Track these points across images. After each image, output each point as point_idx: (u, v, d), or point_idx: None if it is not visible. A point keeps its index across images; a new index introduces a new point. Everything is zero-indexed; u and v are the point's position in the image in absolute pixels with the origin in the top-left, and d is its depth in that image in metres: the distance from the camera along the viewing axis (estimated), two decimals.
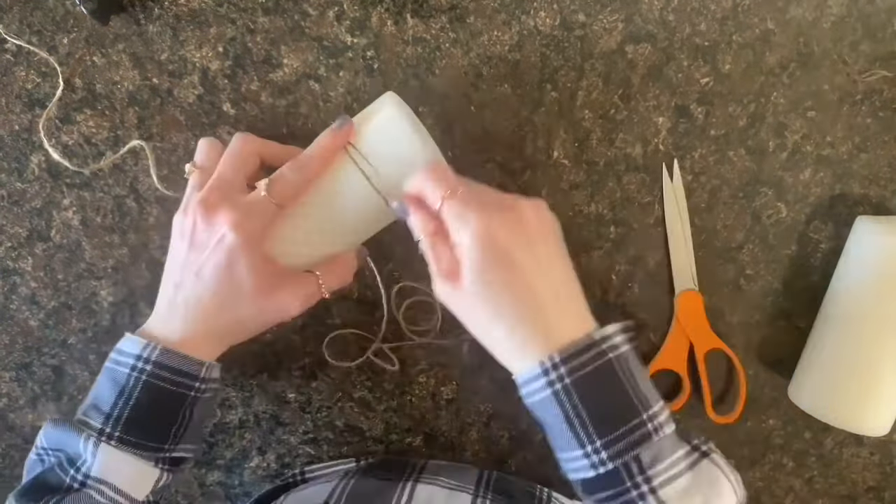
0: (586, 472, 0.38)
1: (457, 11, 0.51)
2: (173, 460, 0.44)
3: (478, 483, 0.55)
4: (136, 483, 0.42)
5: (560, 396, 0.38)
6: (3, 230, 0.54)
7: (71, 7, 0.50)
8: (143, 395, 0.42)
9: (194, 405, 0.44)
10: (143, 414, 0.42)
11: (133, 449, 0.42)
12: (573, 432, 0.38)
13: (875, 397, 0.52)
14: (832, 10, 0.51)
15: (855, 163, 0.55)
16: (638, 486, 0.38)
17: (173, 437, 0.44)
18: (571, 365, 0.38)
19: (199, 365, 0.43)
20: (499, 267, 0.39)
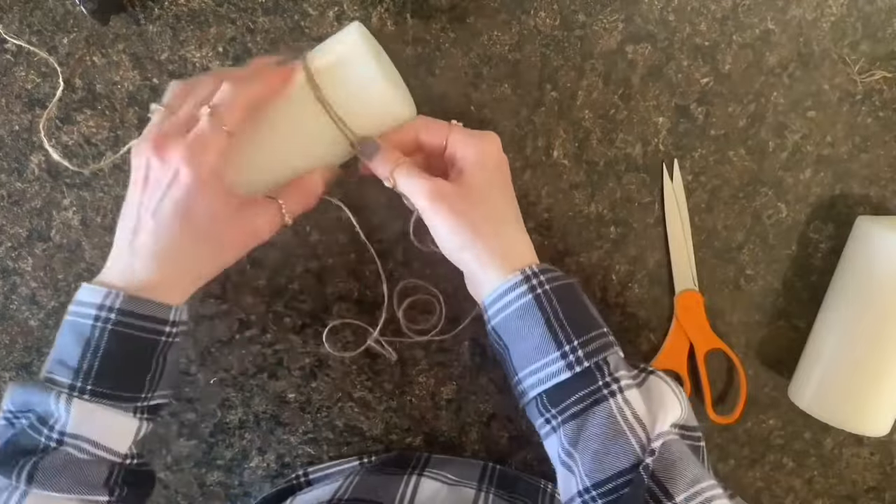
0: (561, 375, 0.40)
1: (457, 11, 0.51)
2: (151, 409, 0.43)
3: (481, 478, 0.55)
4: (117, 435, 0.41)
5: (542, 300, 0.41)
6: (3, 230, 0.54)
7: (71, 7, 0.50)
8: (111, 345, 0.40)
9: (167, 351, 0.42)
10: (114, 364, 0.40)
11: (108, 401, 0.40)
12: (552, 333, 0.41)
13: (875, 397, 0.52)
14: (832, 10, 0.51)
15: (855, 163, 0.55)
16: (608, 384, 0.40)
17: (149, 386, 0.42)
18: (547, 276, 0.42)
19: (167, 308, 0.41)
20: (499, 175, 0.45)
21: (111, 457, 0.41)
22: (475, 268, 0.43)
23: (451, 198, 0.42)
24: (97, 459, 0.40)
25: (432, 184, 0.43)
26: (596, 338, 0.41)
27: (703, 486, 0.37)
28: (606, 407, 0.40)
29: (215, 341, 0.57)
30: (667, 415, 0.40)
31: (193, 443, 0.60)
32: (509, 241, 0.44)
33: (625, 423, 0.39)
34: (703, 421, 0.60)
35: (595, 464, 0.39)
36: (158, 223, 0.40)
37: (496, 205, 0.45)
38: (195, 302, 0.56)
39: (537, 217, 0.55)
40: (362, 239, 0.54)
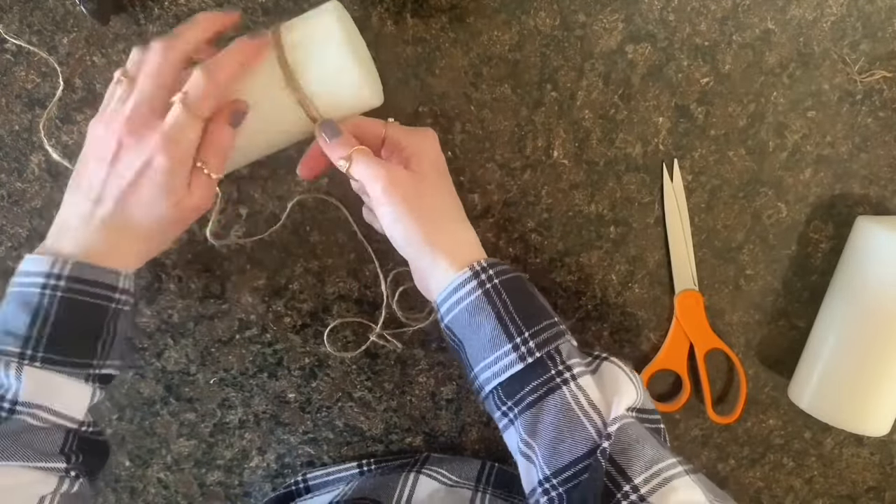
0: (514, 367, 0.41)
1: (457, 11, 0.51)
2: (103, 377, 0.43)
3: (478, 478, 0.55)
4: (71, 401, 0.41)
5: (491, 295, 0.42)
6: (3, 230, 0.54)
7: (71, 7, 0.50)
8: (61, 312, 0.40)
9: (116, 317, 0.43)
10: (65, 331, 0.40)
11: (60, 367, 0.40)
12: (503, 327, 0.41)
13: (875, 397, 0.52)
14: (832, 10, 0.51)
15: (855, 163, 0.55)
16: (561, 373, 0.41)
17: (101, 352, 0.42)
18: (496, 270, 0.43)
19: (115, 275, 0.42)
20: (441, 167, 0.46)
21: (67, 423, 0.41)
22: (425, 262, 0.44)
23: (405, 185, 0.43)
24: (52, 426, 0.40)
25: (387, 170, 0.43)
26: (546, 328, 0.42)
27: (662, 465, 0.38)
28: (560, 395, 0.40)
29: (215, 341, 0.57)
30: (621, 399, 0.41)
31: (193, 443, 0.60)
32: (457, 235, 0.45)
33: (580, 410, 0.40)
34: (703, 421, 0.60)
35: (553, 452, 0.39)
36: (123, 202, 0.41)
37: (444, 197, 0.46)
38: (195, 302, 0.56)
39: (537, 217, 0.55)
40: (360, 237, 0.54)
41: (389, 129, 0.46)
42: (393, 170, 0.43)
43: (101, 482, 0.61)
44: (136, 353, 0.57)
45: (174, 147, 0.40)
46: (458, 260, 0.43)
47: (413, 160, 0.44)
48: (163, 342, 0.57)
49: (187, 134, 0.41)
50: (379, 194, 0.42)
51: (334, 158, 0.44)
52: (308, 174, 0.48)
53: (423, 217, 0.43)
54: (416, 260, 0.44)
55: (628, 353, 0.59)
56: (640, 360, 0.59)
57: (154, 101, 0.41)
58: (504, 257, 0.56)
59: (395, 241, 0.44)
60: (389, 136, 0.46)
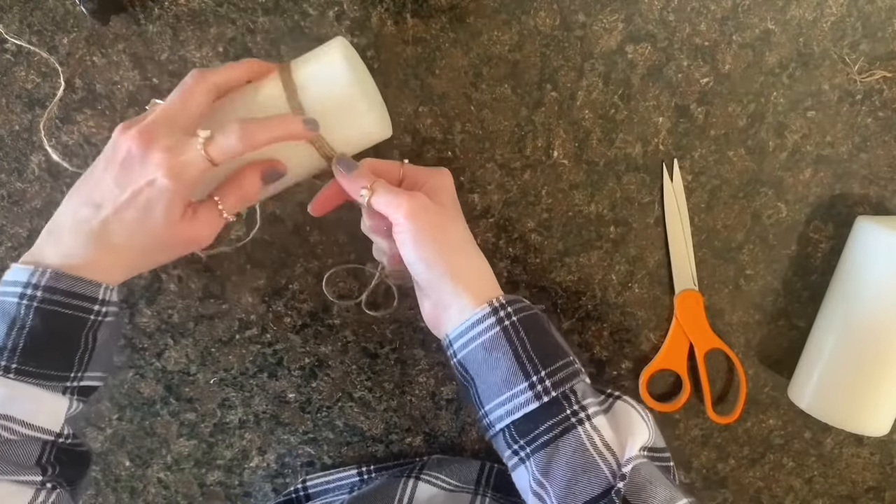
0: (529, 405, 0.41)
1: (457, 11, 0.51)
2: (82, 389, 0.42)
3: (478, 480, 0.55)
4: (47, 414, 0.40)
5: (509, 332, 0.42)
6: (3, 230, 0.54)
7: (71, 7, 0.50)
8: (37, 322, 0.39)
9: (97, 329, 0.42)
10: (41, 342, 0.39)
11: (35, 380, 0.39)
12: (520, 364, 0.41)
13: (875, 397, 0.52)
14: (832, 10, 0.51)
15: (855, 163, 0.55)
16: (576, 413, 0.41)
17: (78, 365, 0.41)
18: (515, 307, 0.43)
19: (95, 286, 0.41)
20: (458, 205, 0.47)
21: (43, 435, 0.40)
22: (444, 291, 0.43)
23: (429, 212, 0.43)
24: (27, 439, 0.39)
25: (410, 196, 0.43)
26: (563, 367, 0.42)
27: None
28: (576, 435, 0.40)
29: (215, 341, 0.57)
30: (635, 439, 0.41)
31: (193, 443, 0.60)
32: (476, 268, 0.45)
33: (594, 451, 0.40)
34: (704, 421, 0.60)
35: (567, 492, 0.39)
36: (115, 214, 0.40)
37: (463, 231, 0.46)
38: (195, 301, 0.56)
39: (537, 217, 0.55)
40: None
41: (407, 169, 0.46)
42: (416, 197, 0.43)
43: (104, 483, 0.61)
44: (136, 353, 0.57)
45: (176, 177, 0.39)
46: (477, 294, 0.43)
47: (433, 194, 0.45)
48: (163, 342, 0.57)
49: (195, 172, 0.40)
50: (402, 220, 0.42)
51: (354, 191, 0.44)
52: (319, 212, 0.49)
53: (445, 246, 0.43)
54: (435, 289, 0.44)
55: (628, 353, 0.59)
56: (640, 360, 0.59)
57: (174, 119, 0.41)
58: (504, 257, 0.56)
59: (416, 266, 0.43)
60: (407, 175, 0.46)
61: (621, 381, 0.59)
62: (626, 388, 0.59)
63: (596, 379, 0.59)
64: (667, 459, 0.43)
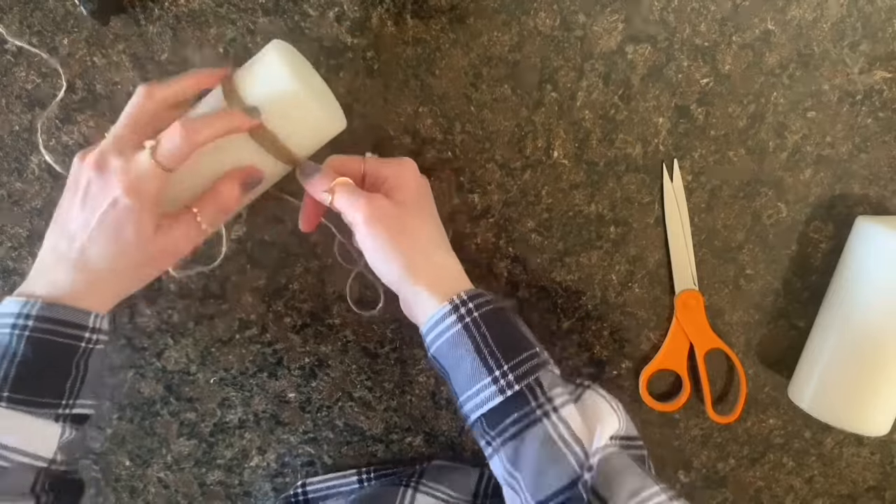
0: (494, 399, 0.41)
1: (457, 12, 0.51)
2: (75, 417, 0.43)
3: (476, 492, 0.55)
4: (39, 441, 0.40)
5: (470, 329, 0.42)
6: (3, 230, 0.54)
7: (71, 8, 0.50)
8: (28, 351, 0.40)
9: (87, 357, 0.42)
10: (32, 370, 0.40)
11: (26, 407, 0.40)
12: (482, 360, 0.41)
13: (875, 397, 0.52)
14: (832, 11, 0.51)
15: (855, 163, 0.55)
16: (542, 405, 0.41)
17: (70, 392, 0.42)
18: (476, 302, 0.43)
19: (85, 315, 0.42)
20: (424, 196, 0.47)
21: (36, 462, 0.40)
22: (406, 293, 0.44)
23: (387, 215, 0.43)
24: (21, 466, 0.40)
25: (368, 200, 0.43)
26: (526, 360, 0.42)
27: (645, 495, 0.38)
28: (542, 427, 0.40)
29: (215, 341, 0.57)
30: (604, 429, 0.41)
31: (193, 443, 0.60)
32: (439, 265, 0.45)
33: (561, 442, 0.40)
34: (703, 421, 0.60)
35: (535, 483, 0.40)
36: (89, 241, 0.41)
37: (426, 226, 0.46)
38: (195, 302, 0.56)
39: (537, 217, 0.55)
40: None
41: (368, 164, 0.46)
42: (374, 199, 0.43)
43: (104, 483, 0.61)
44: (136, 353, 0.57)
45: (136, 192, 0.40)
46: (438, 291, 0.43)
47: (394, 191, 0.45)
48: (163, 342, 0.57)
49: (150, 182, 0.41)
50: (360, 224, 0.43)
51: (316, 193, 0.44)
52: (308, 227, 0.49)
53: (404, 246, 0.43)
54: (399, 290, 0.45)
55: (628, 353, 0.59)
56: (640, 360, 0.59)
57: (124, 140, 0.41)
58: (504, 257, 0.56)
59: (378, 269, 0.44)
60: (369, 170, 0.46)
61: (621, 381, 0.59)
62: (625, 388, 0.59)
63: (596, 379, 0.59)
64: (640, 447, 0.44)
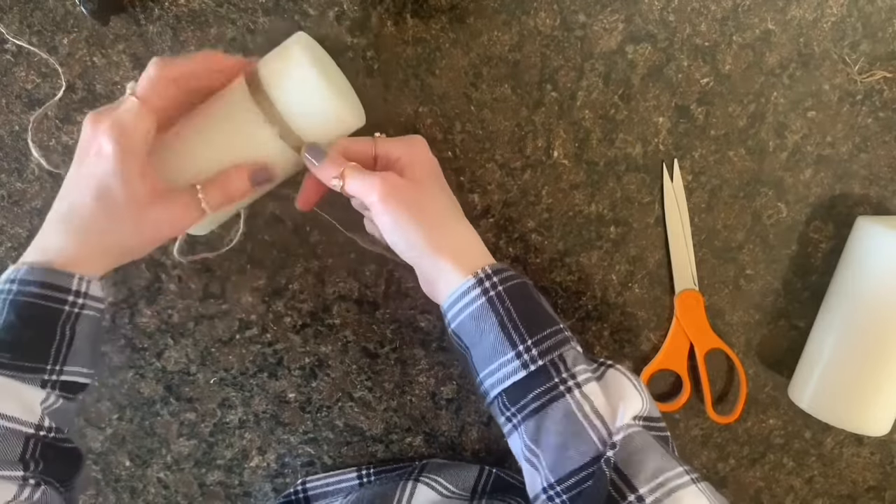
0: (517, 374, 0.41)
1: (457, 11, 0.51)
2: (64, 385, 0.41)
3: (475, 488, 0.55)
4: (21, 405, 0.39)
5: (495, 302, 0.42)
6: (3, 230, 0.54)
7: (71, 7, 0.50)
8: (11, 315, 0.39)
9: (75, 322, 0.41)
10: (15, 335, 0.39)
11: (11, 372, 0.39)
12: (506, 334, 0.41)
13: (875, 397, 0.52)
14: (832, 10, 0.51)
15: (855, 163, 0.55)
16: (565, 381, 0.40)
17: (55, 357, 0.41)
18: (500, 276, 0.42)
19: (68, 276, 0.40)
20: (436, 171, 0.47)
21: (22, 428, 0.39)
22: (429, 268, 0.44)
23: (402, 192, 0.43)
24: (6, 432, 0.39)
25: (383, 178, 0.42)
26: (550, 335, 0.41)
27: (668, 475, 0.38)
28: (564, 403, 0.40)
29: (215, 341, 0.57)
30: (627, 407, 0.40)
31: (193, 443, 0.60)
32: (459, 239, 0.44)
33: (584, 418, 0.40)
34: (704, 421, 0.60)
35: (556, 459, 0.39)
36: (76, 195, 0.41)
37: (442, 201, 0.45)
38: (195, 301, 0.56)
39: (537, 217, 0.55)
40: (360, 245, 0.54)
41: (379, 144, 0.46)
42: (388, 178, 0.43)
43: (104, 483, 0.61)
44: (136, 353, 0.57)
45: (119, 132, 0.39)
46: (462, 265, 0.43)
47: (407, 168, 0.44)
48: (163, 342, 0.57)
49: (133, 120, 0.40)
50: (376, 203, 0.42)
51: (326, 179, 0.44)
52: (305, 205, 0.48)
53: (423, 221, 0.43)
54: (420, 265, 0.44)
55: (628, 353, 0.59)
56: (640, 360, 0.59)
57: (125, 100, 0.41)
58: (504, 257, 0.56)
59: (398, 247, 0.44)
60: (380, 151, 0.45)
61: None
62: None
63: None
64: (663, 429, 0.43)
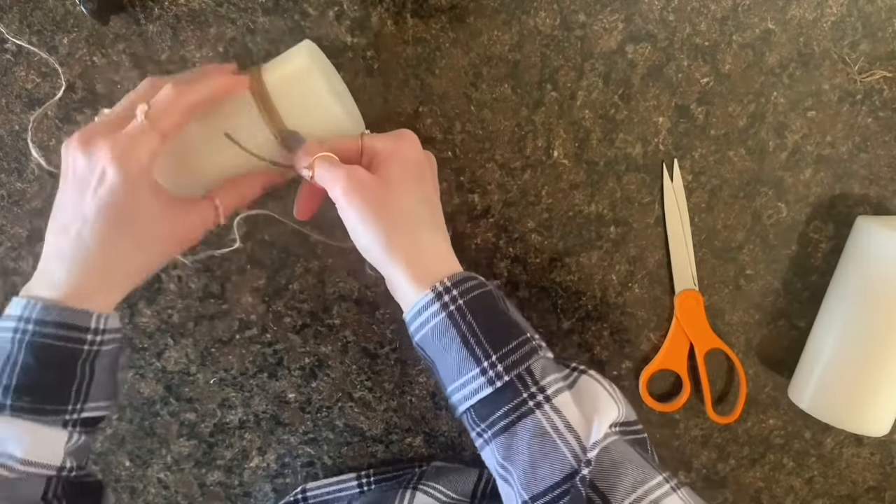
0: (483, 391, 0.39)
1: (457, 11, 0.51)
2: (85, 421, 0.41)
3: (474, 493, 0.55)
4: (45, 450, 0.39)
5: (455, 317, 0.39)
6: (3, 230, 0.54)
7: (71, 7, 0.50)
8: (29, 357, 0.38)
9: (94, 360, 0.40)
10: (34, 378, 0.38)
11: (31, 415, 0.38)
12: (469, 350, 0.39)
13: (875, 397, 0.52)
14: (832, 10, 0.51)
15: (855, 163, 0.55)
16: (534, 395, 0.39)
17: (76, 397, 0.40)
18: (461, 289, 0.40)
19: (86, 315, 0.39)
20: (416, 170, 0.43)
21: (44, 471, 0.39)
22: (387, 273, 0.42)
23: (368, 188, 0.41)
24: (29, 476, 0.38)
25: (348, 172, 0.41)
26: (516, 348, 0.39)
27: (647, 487, 0.36)
28: (534, 419, 0.38)
29: (215, 341, 0.57)
30: (602, 419, 0.38)
31: (193, 443, 0.60)
32: (423, 245, 0.42)
33: (555, 434, 0.38)
34: (704, 421, 0.60)
35: (528, 477, 0.38)
36: (84, 226, 0.39)
37: (412, 202, 0.42)
38: (195, 301, 0.56)
39: (537, 217, 0.55)
40: None
41: (366, 140, 0.44)
42: (354, 172, 0.41)
43: None
44: (136, 353, 0.57)
45: (126, 158, 0.38)
46: (418, 275, 0.40)
47: (383, 165, 0.42)
48: (163, 342, 0.57)
49: (143, 145, 0.38)
50: (339, 196, 0.41)
51: (299, 168, 0.43)
52: (304, 214, 0.47)
53: (383, 222, 0.41)
54: (380, 269, 0.43)
55: (628, 353, 0.59)
56: (640, 360, 0.59)
57: (114, 118, 0.40)
58: (504, 257, 0.56)
59: (359, 245, 0.42)
60: (366, 146, 0.44)
61: (621, 382, 0.59)
62: (625, 388, 0.59)
63: None
64: (640, 432, 0.41)
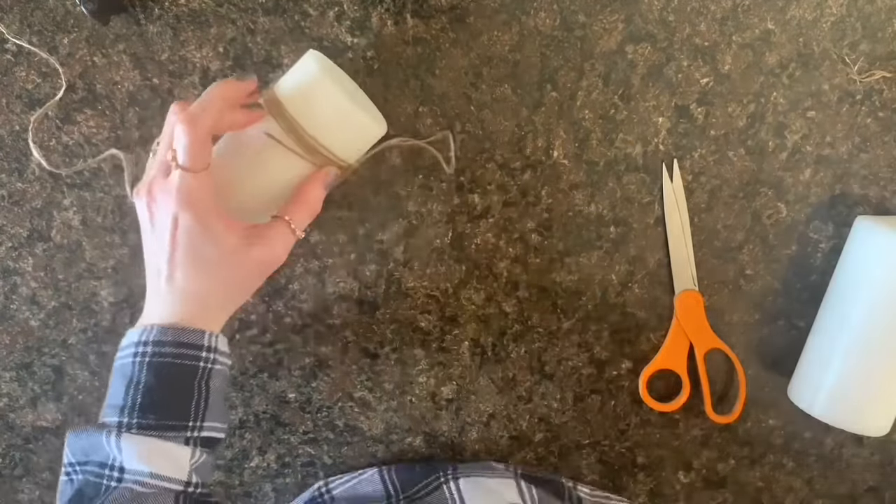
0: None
1: (457, 11, 0.51)
2: (205, 441, 0.43)
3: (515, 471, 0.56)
4: (172, 465, 0.41)
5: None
6: (4, 230, 0.54)
7: (71, 7, 0.50)
8: (150, 376, 0.41)
9: (209, 377, 0.43)
10: (156, 395, 0.41)
11: (155, 432, 0.41)
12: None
13: (875, 397, 0.52)
14: (832, 10, 0.52)
15: (855, 163, 0.55)
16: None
17: (195, 414, 0.43)
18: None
19: (199, 334, 0.43)
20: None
21: (173, 486, 0.41)
22: None
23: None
24: (159, 491, 0.41)
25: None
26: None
27: None
28: None
29: None
30: None
31: None
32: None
33: None
34: (703, 421, 0.60)
35: None
36: (173, 268, 0.42)
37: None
38: None
39: (537, 217, 0.55)
40: (361, 245, 0.54)
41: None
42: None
43: None
44: None
45: (186, 205, 0.41)
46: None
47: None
48: None
49: (195, 189, 0.41)
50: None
51: None
52: None
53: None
54: None
55: (628, 353, 0.59)
56: (640, 360, 0.59)
57: (163, 162, 0.42)
58: (504, 257, 0.56)
59: None
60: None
61: (621, 382, 0.59)
62: (625, 388, 0.59)
63: (596, 379, 0.59)
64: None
